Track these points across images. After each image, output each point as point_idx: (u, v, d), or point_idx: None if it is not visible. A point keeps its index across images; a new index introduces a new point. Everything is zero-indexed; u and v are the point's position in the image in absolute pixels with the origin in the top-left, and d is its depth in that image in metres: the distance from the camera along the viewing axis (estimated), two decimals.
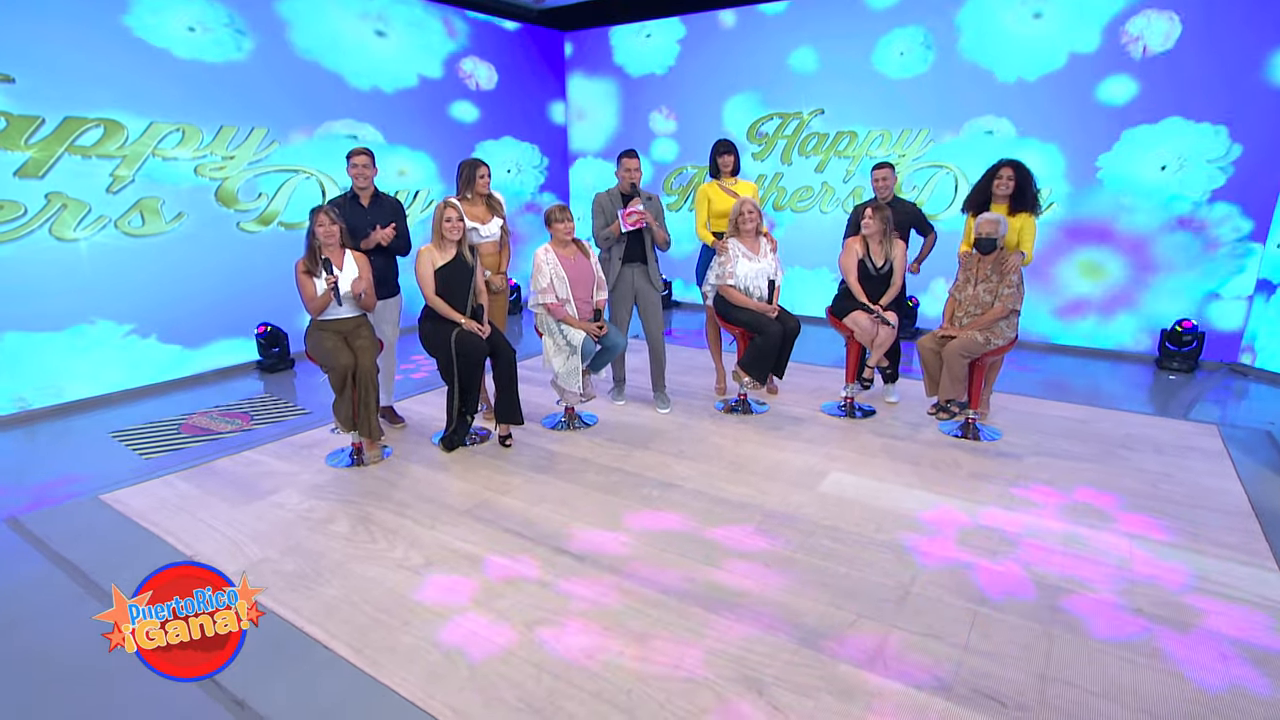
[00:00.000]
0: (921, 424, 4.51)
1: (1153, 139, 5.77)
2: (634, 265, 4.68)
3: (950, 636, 2.45)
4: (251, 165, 5.77)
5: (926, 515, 3.31)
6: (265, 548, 3.09)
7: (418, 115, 7.11)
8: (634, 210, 4.48)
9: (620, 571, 2.86)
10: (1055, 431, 4.37)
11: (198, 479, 3.79)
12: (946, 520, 3.27)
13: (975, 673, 2.28)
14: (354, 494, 3.60)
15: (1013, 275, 3.99)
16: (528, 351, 6.31)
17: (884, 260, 4.49)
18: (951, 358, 4.02)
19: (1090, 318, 6.28)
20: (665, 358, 4.93)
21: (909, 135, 6.82)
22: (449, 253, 4.01)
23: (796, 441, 4.25)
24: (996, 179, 4.17)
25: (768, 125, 7.63)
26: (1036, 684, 2.23)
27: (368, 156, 4.15)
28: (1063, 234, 6.22)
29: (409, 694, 2.20)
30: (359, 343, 3.87)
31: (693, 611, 2.60)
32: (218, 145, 5.54)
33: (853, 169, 7.22)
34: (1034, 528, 3.20)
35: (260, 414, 4.87)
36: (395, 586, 2.77)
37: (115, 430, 4.55)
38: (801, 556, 2.97)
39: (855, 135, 7.14)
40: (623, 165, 4.55)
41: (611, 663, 2.33)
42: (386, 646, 2.42)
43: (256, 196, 5.83)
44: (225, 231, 5.69)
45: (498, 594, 2.71)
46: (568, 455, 4.07)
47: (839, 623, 2.53)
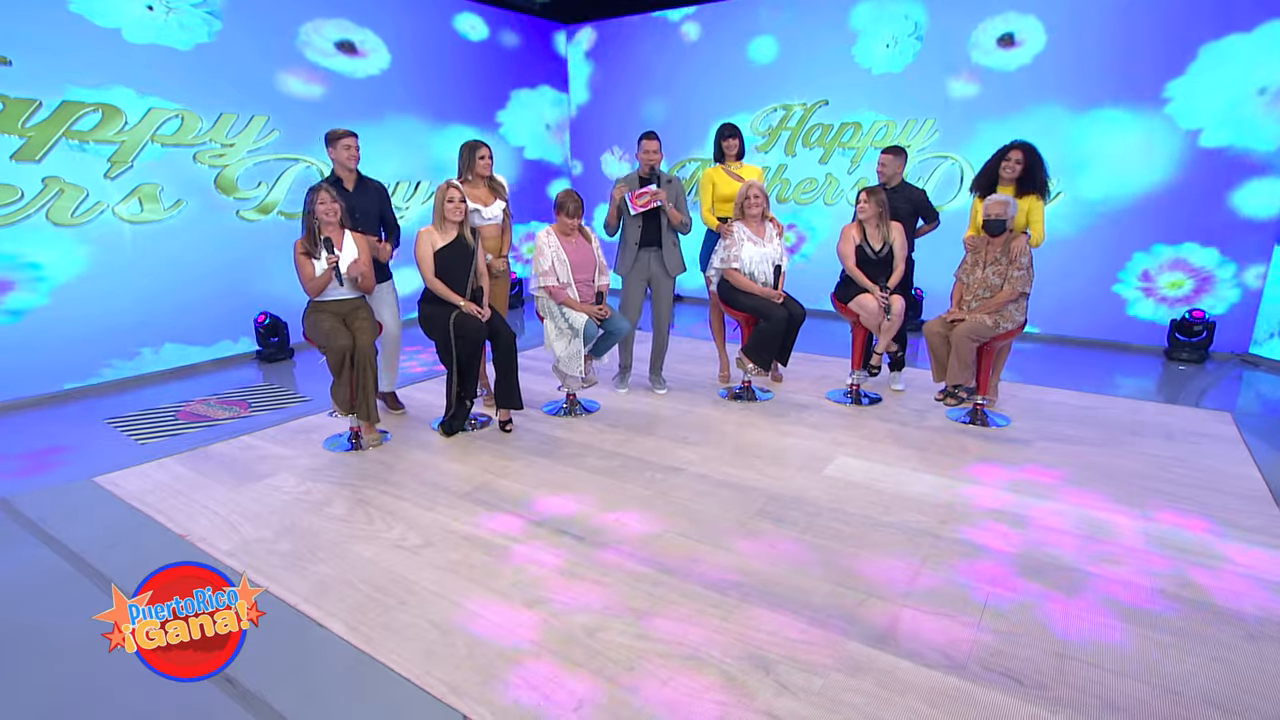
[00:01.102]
0: (928, 410, 4.44)
1: None
2: (650, 250, 4.63)
3: (963, 615, 2.38)
4: (252, 153, 5.72)
5: (935, 498, 3.25)
6: (260, 528, 3.03)
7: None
8: (644, 192, 4.42)
9: (622, 551, 2.81)
10: (1064, 417, 4.30)
11: (193, 462, 3.74)
12: (955, 502, 3.21)
13: (990, 651, 2.21)
14: (352, 477, 3.55)
15: (1022, 258, 3.92)
16: (529, 343, 6.25)
17: (882, 243, 4.43)
18: (960, 342, 3.95)
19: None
20: (667, 347, 4.89)
21: (914, 125, 6.75)
22: (449, 234, 3.95)
23: (801, 427, 4.19)
24: (1005, 161, 4.10)
25: (771, 117, 7.58)
26: (1054, 662, 2.16)
27: (356, 138, 4.03)
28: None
29: (405, 671, 2.13)
30: (357, 324, 3.81)
31: (695, 590, 2.54)
32: (217, 132, 5.49)
33: (857, 160, 7.15)
34: (1046, 510, 3.13)
35: (258, 402, 4.81)
36: (392, 567, 2.71)
37: (110, 417, 4.49)
38: (808, 538, 2.91)
39: (859, 126, 7.08)
40: (642, 148, 4.50)
41: (613, 640, 2.26)
42: (382, 624, 2.36)
43: (256, 185, 5.78)
44: (224, 220, 5.64)
45: (496, 574, 2.66)
46: (569, 440, 4.02)
47: (848, 602, 2.47)
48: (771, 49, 7.43)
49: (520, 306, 8.24)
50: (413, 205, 7.12)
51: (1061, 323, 6.38)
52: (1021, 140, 4.10)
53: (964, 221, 5.88)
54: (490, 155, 4.26)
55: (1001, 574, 2.64)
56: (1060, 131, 6.03)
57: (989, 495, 3.28)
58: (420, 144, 7.12)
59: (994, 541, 2.87)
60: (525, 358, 5.14)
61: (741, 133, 4.84)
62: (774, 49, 7.42)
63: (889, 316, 4.36)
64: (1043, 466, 3.59)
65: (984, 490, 3.33)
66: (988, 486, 3.37)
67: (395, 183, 6.88)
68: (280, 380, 5.36)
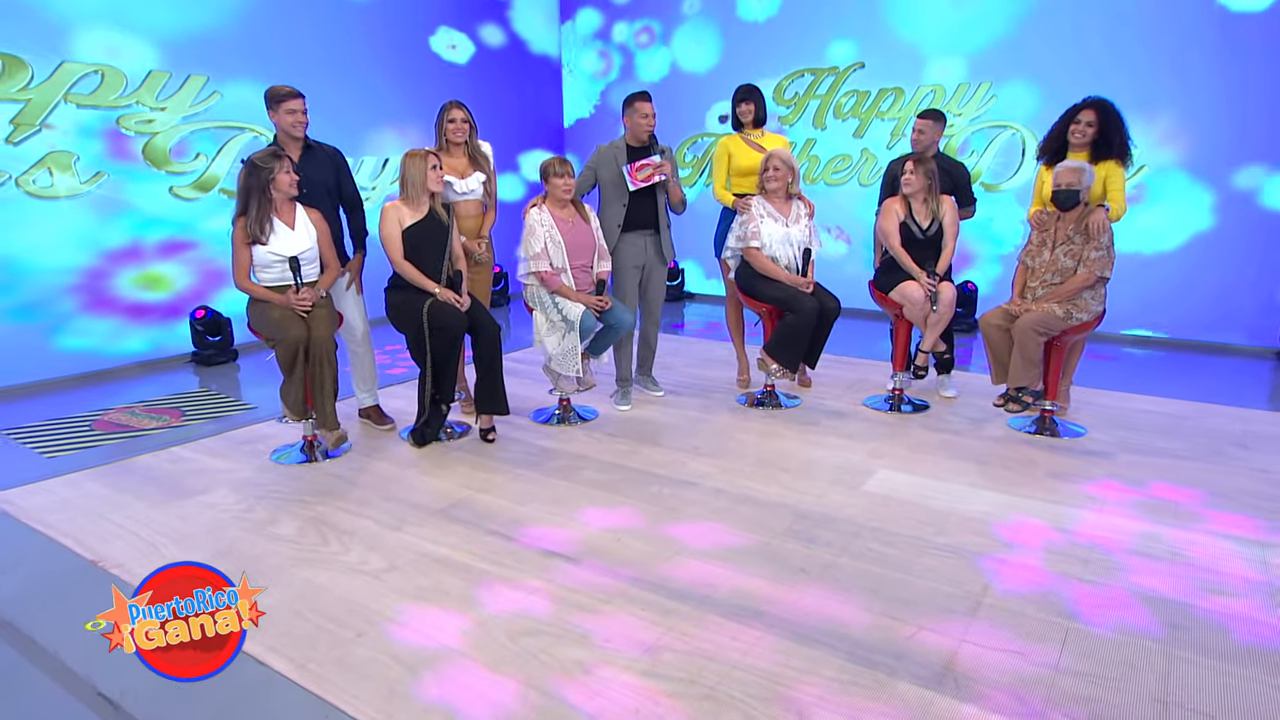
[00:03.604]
0: (986, 418, 4.39)
1: None
2: (644, 233, 4.56)
3: (1037, 655, 2.31)
4: (188, 119, 5.70)
5: (998, 518, 3.20)
6: (189, 550, 2.97)
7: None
8: (646, 163, 4.37)
9: (623, 577, 2.75)
10: (1151, 427, 4.24)
11: (109, 477, 3.70)
12: (1024, 524, 3.15)
13: (1072, 697, 2.13)
14: (304, 493, 3.51)
15: (1102, 235, 3.86)
16: (516, 344, 6.21)
17: (930, 220, 4.39)
18: (1024, 336, 3.89)
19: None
20: (657, 345, 4.89)
21: (966, 89, 6.72)
22: (420, 209, 3.91)
23: (835, 437, 4.15)
24: (1074, 123, 4.05)
25: (797, 84, 7.56)
26: (1155, 710, 2.08)
27: (303, 100, 3.93)
28: None
29: (363, 715, 2.06)
30: (313, 312, 3.75)
31: (712, 620, 2.48)
32: (145, 93, 5.45)
33: (898, 132, 7.13)
34: (1133, 533, 3.07)
35: (193, 409, 4.76)
36: (348, 594, 2.65)
37: (9, 428, 4.43)
38: (845, 561, 2.85)
39: (901, 93, 7.06)
40: (635, 110, 4.42)
41: (614, 678, 2.19)
42: (336, 660, 2.29)
43: (194, 157, 5.76)
44: (155, 197, 5.61)
45: (476, 603, 2.60)
46: (562, 451, 3.99)
47: (895, 635, 2.40)
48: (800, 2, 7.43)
49: (506, 305, 8.21)
50: (380, 186, 7.11)
51: (1148, 319, 6.32)
52: (1095, 97, 4.05)
53: (1027, 199, 5.82)
54: (465, 119, 4.21)
55: (1083, 604, 2.57)
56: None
57: (1063, 515, 3.22)
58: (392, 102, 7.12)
59: (1071, 567, 2.80)
60: (511, 360, 5.09)
61: (761, 95, 4.81)
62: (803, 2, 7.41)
63: (935, 308, 4.31)
64: (1127, 484, 3.53)
65: (1056, 509, 3.27)
66: (1061, 505, 3.31)
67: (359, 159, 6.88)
68: (221, 386, 5.32)
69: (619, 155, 4.45)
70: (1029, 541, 3.00)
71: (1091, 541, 2.99)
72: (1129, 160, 4.08)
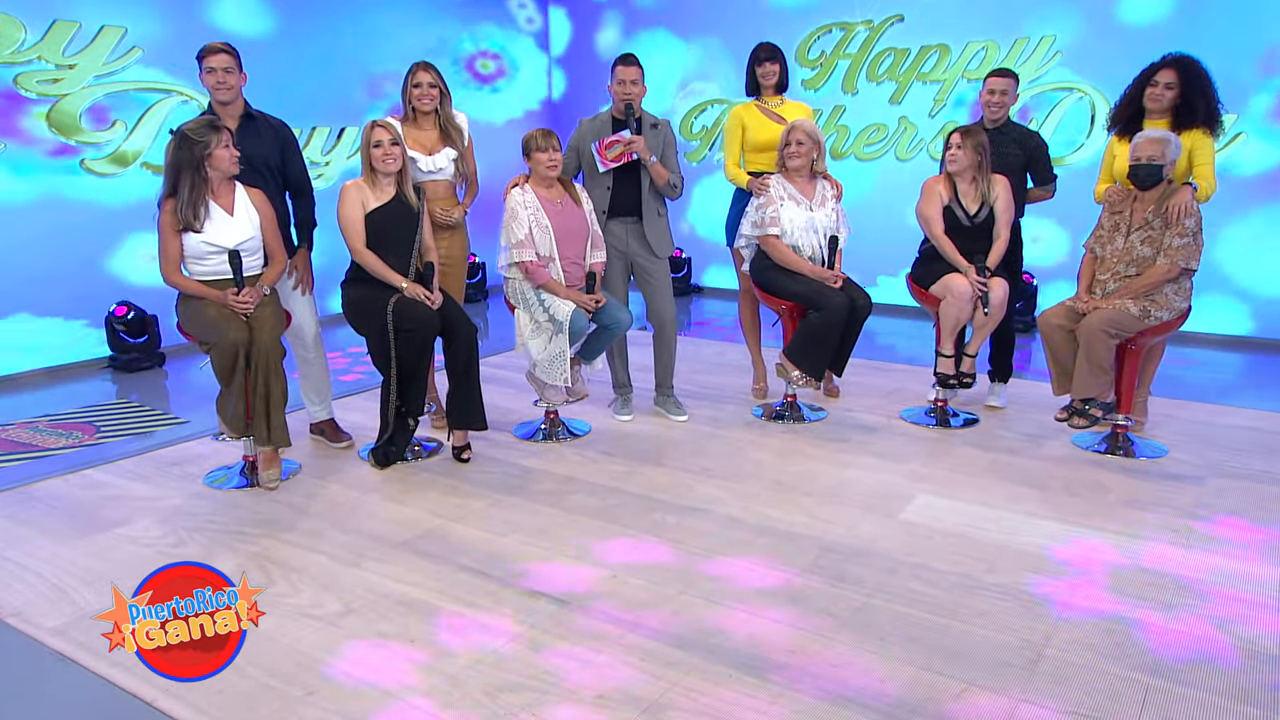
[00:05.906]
0: (1046, 434, 4.42)
1: None
2: (624, 221, 4.59)
3: (1112, 715, 2.32)
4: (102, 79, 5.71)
5: (1063, 552, 3.22)
6: (105, 595, 2.94)
7: None
8: (615, 140, 4.37)
9: (623, 623, 2.77)
10: (1247, 446, 4.27)
11: (8, 506, 3.73)
12: (1093, 560, 3.17)
13: None
14: (244, 523, 3.54)
15: (1187, 219, 3.87)
16: (497, 346, 6.24)
17: (979, 204, 4.41)
18: (1092, 338, 3.90)
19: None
20: (676, 348, 4.84)
21: (1025, 46, 6.74)
22: (385, 193, 3.94)
23: (867, 456, 4.20)
24: (1151, 85, 4.07)
25: (823, 40, 7.60)
26: None
27: (230, 56, 3.88)
28: None
29: None
30: (256, 312, 3.75)
31: (725, 675, 2.50)
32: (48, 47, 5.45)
33: (943, 97, 7.15)
34: (1226, 571, 3.09)
35: (111, 424, 4.78)
36: (297, 643, 2.67)
37: None
38: (879, 603, 2.88)
39: (947, 50, 7.08)
40: (616, 77, 4.45)
41: None
42: None
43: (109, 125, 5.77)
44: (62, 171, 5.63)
45: (449, 655, 2.62)
46: (548, 472, 4.04)
47: (941, 693, 2.41)
48: None
49: (484, 301, 8.24)
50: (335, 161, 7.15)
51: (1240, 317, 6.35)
52: (1177, 54, 4.06)
53: (1094, 175, 5.86)
54: (434, 84, 4.21)
55: (1167, 655, 2.58)
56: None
57: (1142, 550, 3.24)
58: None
59: (1150, 615, 2.81)
60: (490, 366, 5.13)
61: (784, 56, 4.83)
62: None
63: (986, 309, 4.31)
64: (1221, 514, 3.55)
65: (1133, 544, 3.29)
66: (1140, 539, 3.33)
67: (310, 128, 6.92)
68: (145, 397, 5.35)
69: (602, 131, 4.48)
70: (1098, 580, 3.01)
71: (1174, 578, 3.01)
72: (1219, 129, 4.09)
